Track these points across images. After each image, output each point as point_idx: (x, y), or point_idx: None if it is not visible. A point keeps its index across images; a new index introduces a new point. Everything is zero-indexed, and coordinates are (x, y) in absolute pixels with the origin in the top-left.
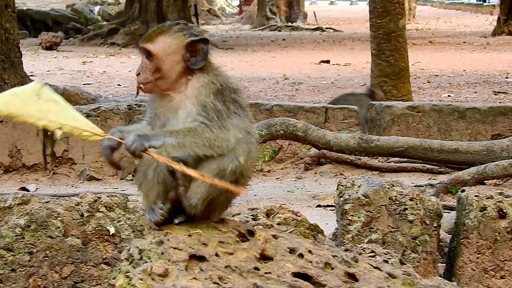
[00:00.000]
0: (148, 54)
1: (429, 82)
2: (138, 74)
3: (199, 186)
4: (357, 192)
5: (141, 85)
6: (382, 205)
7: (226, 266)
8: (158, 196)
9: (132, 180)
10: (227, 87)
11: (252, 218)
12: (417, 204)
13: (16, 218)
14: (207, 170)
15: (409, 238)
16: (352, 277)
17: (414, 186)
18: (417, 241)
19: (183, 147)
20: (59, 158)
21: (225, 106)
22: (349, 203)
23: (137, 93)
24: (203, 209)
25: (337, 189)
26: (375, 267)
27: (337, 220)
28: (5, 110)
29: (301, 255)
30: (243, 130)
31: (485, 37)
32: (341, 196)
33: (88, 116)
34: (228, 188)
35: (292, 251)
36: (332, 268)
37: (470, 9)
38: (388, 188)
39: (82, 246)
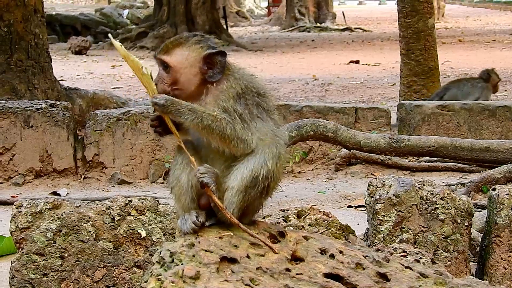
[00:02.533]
0: (165, 66)
1: None
2: (155, 85)
3: (234, 196)
4: (387, 192)
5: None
6: (413, 204)
7: (257, 268)
8: (191, 201)
9: (162, 183)
10: (250, 90)
11: (283, 220)
12: (448, 203)
13: (48, 223)
14: (241, 178)
15: (440, 237)
16: (384, 277)
17: (445, 185)
18: (448, 240)
19: (200, 130)
20: (90, 162)
21: (247, 109)
22: (380, 203)
23: None
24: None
25: (368, 189)
26: (406, 267)
27: (368, 220)
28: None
29: (332, 256)
30: (269, 133)
31: None
32: (372, 196)
33: (118, 119)
34: (265, 243)
35: (323, 252)
36: (364, 268)
37: (499, 7)
38: (419, 188)
39: (114, 250)
